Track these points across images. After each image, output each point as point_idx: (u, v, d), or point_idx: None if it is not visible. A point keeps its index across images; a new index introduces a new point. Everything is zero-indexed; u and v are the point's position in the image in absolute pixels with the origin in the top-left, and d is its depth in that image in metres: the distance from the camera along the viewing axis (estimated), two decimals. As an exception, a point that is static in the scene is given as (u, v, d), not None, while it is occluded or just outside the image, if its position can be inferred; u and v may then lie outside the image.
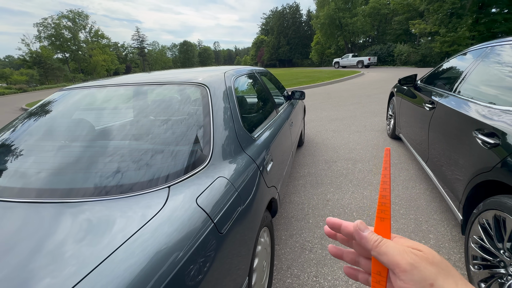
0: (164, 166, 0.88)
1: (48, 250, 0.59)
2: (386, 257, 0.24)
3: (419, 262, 0.22)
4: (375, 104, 6.06)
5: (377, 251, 0.25)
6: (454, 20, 20.00)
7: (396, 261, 0.23)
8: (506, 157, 1.07)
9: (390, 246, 0.24)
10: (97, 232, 0.64)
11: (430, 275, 0.22)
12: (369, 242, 0.26)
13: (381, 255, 0.24)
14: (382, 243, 0.25)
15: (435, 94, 2.14)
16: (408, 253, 0.23)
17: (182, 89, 1.30)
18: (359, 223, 0.27)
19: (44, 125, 1.26)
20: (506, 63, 1.50)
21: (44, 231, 0.65)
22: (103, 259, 0.55)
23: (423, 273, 0.22)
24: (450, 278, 0.22)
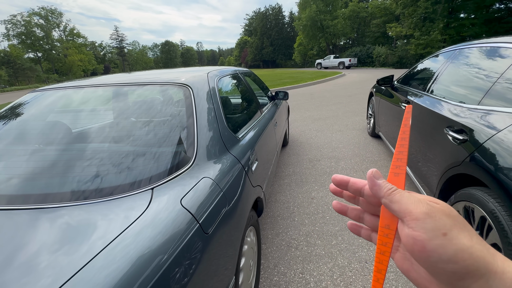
0: (147, 168, 0.87)
1: (21, 261, 0.55)
2: (398, 205, 0.23)
3: (434, 212, 0.21)
4: (356, 104, 6.27)
5: (389, 198, 0.23)
6: (427, 24, 21.17)
7: (409, 209, 0.22)
8: (474, 152, 1.15)
9: (404, 195, 0.23)
10: (75, 239, 0.61)
11: (444, 225, 0.20)
12: (381, 189, 0.24)
13: (393, 203, 0.23)
14: (396, 192, 0.23)
15: (410, 94, 2.25)
16: (423, 203, 0.22)
17: (165, 89, 1.28)
18: (375, 171, 0.26)
19: (15, 128, 1.19)
20: (473, 64, 1.62)
21: (16, 240, 0.62)
22: (81, 267, 0.53)
23: (437, 222, 0.20)
24: (465, 231, 0.20)
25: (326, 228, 1.85)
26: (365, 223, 0.30)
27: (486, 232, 1.08)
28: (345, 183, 0.29)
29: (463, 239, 0.20)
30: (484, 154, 1.09)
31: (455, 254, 0.19)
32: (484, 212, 1.06)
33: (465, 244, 0.19)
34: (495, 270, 0.19)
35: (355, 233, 0.30)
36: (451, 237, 0.20)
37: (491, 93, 1.26)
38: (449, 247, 0.19)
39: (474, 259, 0.19)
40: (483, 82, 1.37)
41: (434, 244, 0.20)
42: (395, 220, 0.24)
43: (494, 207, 1.00)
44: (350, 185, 0.28)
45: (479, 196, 1.09)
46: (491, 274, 0.19)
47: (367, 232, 0.30)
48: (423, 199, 0.22)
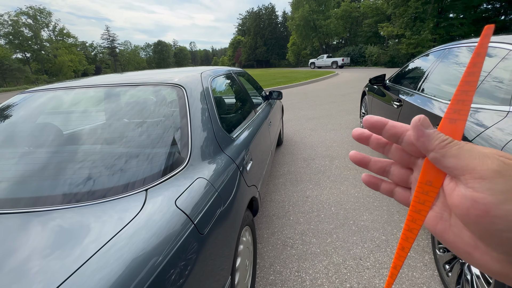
0: (141, 169, 0.86)
1: (11, 267, 0.54)
2: (455, 161, 0.18)
3: (507, 170, 0.16)
4: (349, 103, 6.34)
5: (442, 151, 0.19)
6: (418, 23, 21.55)
7: (472, 165, 0.17)
8: (463, 148, 1.18)
9: (464, 147, 0.18)
10: (67, 242, 0.60)
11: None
12: (431, 141, 0.19)
13: (448, 158, 0.18)
14: (453, 144, 0.19)
15: (401, 92, 2.29)
16: (492, 158, 0.17)
17: (158, 90, 1.27)
18: (423, 118, 0.20)
19: (4, 130, 1.16)
20: (462, 63, 1.66)
21: (5, 243, 0.60)
22: (73, 271, 0.52)
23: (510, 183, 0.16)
24: None
25: (321, 226, 1.87)
26: (391, 177, 0.25)
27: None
28: (381, 126, 0.23)
29: None
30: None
31: None
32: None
33: None
34: None
35: (372, 187, 0.26)
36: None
37: (479, 91, 1.30)
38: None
39: None
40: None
41: (504, 209, 0.16)
42: (441, 176, 0.20)
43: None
44: (388, 128, 0.23)
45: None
46: None
47: (389, 186, 0.25)
48: (491, 153, 0.17)
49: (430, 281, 1.36)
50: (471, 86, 0.19)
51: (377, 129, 0.23)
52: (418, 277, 1.39)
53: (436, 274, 1.39)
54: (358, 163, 0.26)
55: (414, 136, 0.20)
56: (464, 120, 0.19)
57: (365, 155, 0.26)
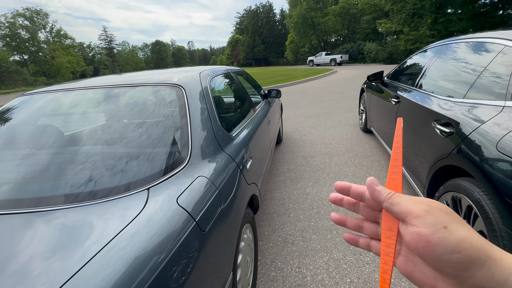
0: (142, 169, 0.87)
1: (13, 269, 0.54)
2: (399, 207, 0.24)
3: (433, 209, 0.22)
4: (348, 100, 6.34)
5: (390, 202, 0.25)
6: (416, 19, 21.51)
7: (410, 209, 0.23)
8: (460, 143, 1.20)
9: (403, 197, 0.25)
10: (68, 243, 0.60)
11: (444, 219, 0.22)
12: (381, 194, 0.26)
13: (394, 205, 0.24)
14: (395, 195, 0.25)
15: (399, 89, 2.30)
16: (421, 202, 0.23)
17: (157, 90, 1.28)
18: (373, 179, 0.27)
19: (5, 133, 1.17)
20: (459, 59, 1.67)
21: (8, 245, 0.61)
22: (76, 271, 0.52)
23: (437, 218, 0.22)
24: (462, 224, 0.22)
25: (321, 223, 1.89)
26: (364, 231, 0.31)
27: (473, 220, 1.12)
28: (347, 188, 0.30)
29: (462, 231, 0.21)
30: (470, 146, 1.13)
31: (457, 244, 0.20)
32: (471, 201, 1.10)
33: (465, 235, 0.21)
34: (494, 257, 0.20)
35: (352, 243, 0.31)
36: (451, 230, 0.21)
37: (475, 86, 1.31)
38: (450, 238, 0.21)
39: (475, 248, 0.20)
40: (469, 76, 1.41)
41: (437, 237, 0.21)
42: (396, 222, 0.25)
43: (480, 196, 1.04)
44: (352, 190, 0.30)
45: (466, 186, 1.13)
46: (491, 261, 0.20)
47: (365, 241, 0.30)
48: (421, 200, 0.24)
49: None
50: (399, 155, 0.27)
51: (345, 192, 0.30)
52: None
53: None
54: (338, 223, 0.32)
55: (369, 192, 0.27)
56: (400, 179, 0.27)
57: (342, 216, 0.32)
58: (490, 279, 0.20)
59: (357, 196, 0.29)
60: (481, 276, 0.20)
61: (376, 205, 0.28)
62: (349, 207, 0.31)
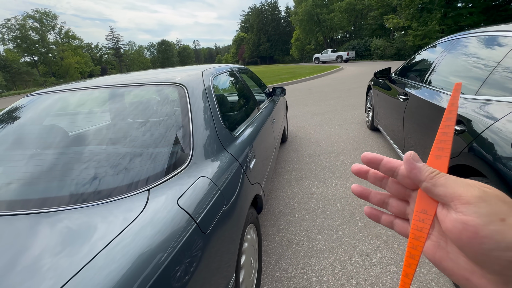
0: (143, 169, 0.86)
1: (23, 265, 0.56)
2: (444, 189, 0.20)
3: (488, 197, 0.19)
4: (354, 98, 6.25)
5: (432, 182, 0.21)
6: (425, 14, 21.00)
7: (458, 192, 0.19)
8: (471, 142, 1.15)
9: (451, 178, 0.21)
10: (74, 241, 0.61)
11: (501, 210, 0.18)
12: (422, 173, 0.22)
13: (438, 187, 0.21)
14: (440, 175, 0.21)
15: (408, 86, 2.24)
16: (473, 186, 0.19)
17: (160, 89, 1.27)
18: (413, 154, 0.23)
19: (13, 133, 1.18)
20: (471, 54, 1.61)
21: (17, 245, 0.62)
22: (80, 268, 0.54)
23: (493, 207, 0.18)
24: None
25: (327, 223, 1.86)
26: (389, 208, 0.27)
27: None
28: (377, 161, 0.25)
29: None
30: (482, 144, 1.09)
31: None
32: (483, 202, 1.06)
33: None
34: None
35: (374, 219, 0.28)
36: (509, 223, 0.17)
37: (488, 82, 1.25)
38: (508, 233, 0.17)
39: None
40: (481, 72, 1.35)
41: (490, 229, 0.18)
42: (434, 204, 0.22)
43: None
44: (383, 163, 0.25)
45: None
46: None
47: (389, 218, 0.27)
48: (473, 183, 0.20)
49: (439, 277, 1.34)
50: (450, 128, 0.22)
51: (374, 164, 0.26)
52: (426, 273, 1.37)
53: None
54: (359, 196, 0.28)
55: (407, 169, 0.23)
56: (447, 157, 0.22)
57: (365, 188, 0.28)
58: None
59: (388, 170, 0.25)
60: None
61: (411, 183, 0.24)
62: (375, 181, 0.27)
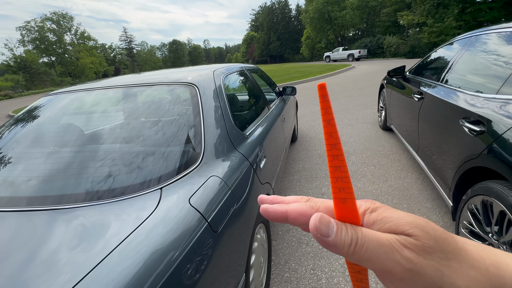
0: (156, 168, 0.88)
1: (42, 258, 0.58)
2: (371, 265, 0.17)
3: (417, 264, 0.17)
4: (366, 97, 6.12)
5: (355, 258, 0.18)
6: (441, 10, 20.26)
7: (388, 268, 0.17)
8: (492, 143, 1.10)
9: (370, 246, 0.17)
10: (90, 237, 0.63)
11: (434, 275, 0.17)
12: (341, 249, 0.18)
13: (363, 262, 0.18)
14: (359, 246, 0.17)
15: (423, 84, 2.17)
16: (399, 251, 0.17)
17: (172, 89, 1.29)
18: (318, 221, 0.18)
19: (32, 131, 1.23)
20: (491, 51, 1.54)
21: (36, 239, 0.64)
22: (96, 264, 0.55)
23: (426, 278, 0.17)
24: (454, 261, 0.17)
25: (337, 224, 1.83)
26: None
27: (506, 227, 1.03)
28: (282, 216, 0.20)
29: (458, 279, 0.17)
30: (503, 146, 1.04)
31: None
32: (504, 206, 1.01)
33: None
34: None
35: None
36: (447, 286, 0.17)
37: (510, 81, 1.20)
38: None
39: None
40: (502, 70, 1.29)
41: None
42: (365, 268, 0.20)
43: (515, 201, 0.95)
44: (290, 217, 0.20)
45: (498, 190, 1.04)
46: None
47: None
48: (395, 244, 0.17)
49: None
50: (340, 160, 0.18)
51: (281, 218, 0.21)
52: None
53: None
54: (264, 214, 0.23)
55: (322, 244, 0.18)
56: (352, 198, 0.18)
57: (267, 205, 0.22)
58: None
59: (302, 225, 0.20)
60: None
61: None
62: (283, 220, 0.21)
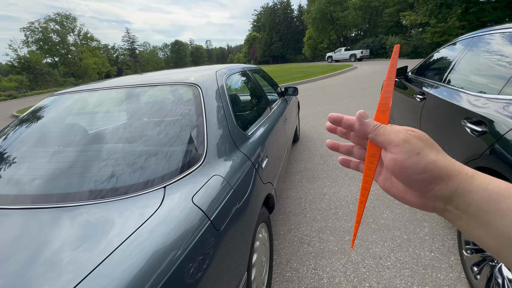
0: (159, 167, 0.89)
1: (45, 255, 0.59)
2: (382, 137, 0.28)
3: (410, 138, 0.26)
4: (368, 97, 6.11)
5: (375, 133, 0.28)
6: (444, 10, 20.16)
7: (391, 139, 0.27)
8: (494, 143, 1.10)
9: (387, 128, 0.28)
10: (93, 236, 0.64)
11: (418, 147, 0.25)
12: (368, 126, 0.29)
13: (378, 136, 0.28)
14: (380, 127, 0.28)
15: (425, 85, 2.17)
16: (402, 132, 0.27)
17: (174, 89, 1.30)
18: (362, 112, 0.30)
19: (37, 131, 1.25)
20: (494, 51, 1.53)
21: (39, 236, 0.65)
22: (99, 263, 0.56)
23: (412, 146, 0.26)
24: (434, 150, 0.26)
25: (339, 224, 1.83)
26: (354, 155, 0.35)
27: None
28: (339, 120, 0.33)
29: (431, 155, 0.25)
30: (506, 146, 1.04)
31: (425, 167, 0.25)
32: (506, 206, 1.01)
33: (432, 158, 0.25)
34: (452, 173, 0.25)
35: (345, 165, 0.36)
36: (422, 155, 0.25)
37: None
38: (420, 162, 0.25)
39: (439, 169, 0.25)
40: (505, 70, 1.29)
41: (409, 161, 0.25)
42: (379, 149, 0.29)
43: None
44: (344, 121, 0.32)
45: (500, 190, 1.04)
46: (450, 177, 0.25)
47: (355, 163, 0.35)
48: (402, 129, 0.27)
49: (456, 283, 1.29)
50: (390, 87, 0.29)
51: (337, 123, 0.33)
52: (443, 278, 1.32)
53: (463, 276, 1.32)
54: (332, 147, 0.35)
55: (357, 124, 0.30)
56: (388, 111, 0.29)
57: (336, 142, 0.35)
58: (444, 190, 0.25)
59: (348, 126, 0.32)
60: (438, 189, 0.25)
61: (364, 135, 0.31)
62: (342, 135, 0.34)
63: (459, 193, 0.24)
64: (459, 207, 0.24)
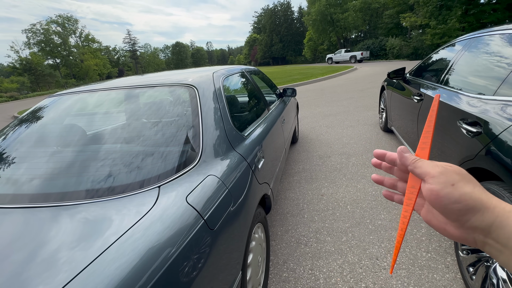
0: (155, 167, 0.90)
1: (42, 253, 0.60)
2: (420, 169, 0.30)
3: (446, 171, 0.28)
4: (368, 99, 6.12)
5: (414, 165, 0.31)
6: (444, 12, 20.19)
7: (428, 171, 0.29)
8: (488, 144, 1.11)
9: (425, 162, 0.30)
10: (86, 234, 0.65)
11: (453, 179, 0.27)
12: (408, 160, 0.32)
13: (417, 168, 0.30)
14: (419, 160, 0.31)
15: (422, 86, 2.18)
16: (439, 166, 0.29)
17: (172, 90, 1.32)
18: (403, 148, 0.34)
19: (36, 131, 1.26)
20: (490, 52, 1.54)
21: (38, 234, 0.66)
22: (92, 260, 0.56)
23: (448, 178, 0.28)
24: (470, 183, 0.28)
25: (336, 224, 1.84)
26: (398, 189, 0.37)
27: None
28: (383, 155, 0.36)
29: (466, 188, 0.27)
30: (500, 147, 1.04)
31: (459, 197, 0.27)
32: (500, 207, 1.01)
33: (467, 190, 0.27)
34: (488, 206, 0.26)
35: (389, 198, 0.38)
36: (457, 186, 0.27)
37: (508, 82, 1.20)
38: (455, 192, 0.27)
39: (473, 200, 0.26)
40: (500, 71, 1.30)
41: (444, 192, 0.27)
42: (418, 181, 0.31)
43: (510, 201, 0.96)
44: (387, 156, 0.36)
45: (494, 191, 1.04)
46: (486, 209, 0.26)
47: (399, 197, 0.37)
48: (440, 164, 0.29)
49: (452, 283, 1.29)
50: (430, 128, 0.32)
51: (381, 158, 0.37)
52: (439, 279, 1.32)
53: (459, 276, 1.32)
54: (377, 182, 0.39)
55: (398, 158, 0.34)
56: (428, 149, 0.32)
57: (380, 176, 0.39)
58: (481, 221, 0.26)
59: (391, 161, 0.36)
60: (474, 219, 0.26)
61: (405, 168, 0.34)
62: (386, 170, 0.38)
63: (497, 225, 0.25)
64: (499, 240, 0.25)
